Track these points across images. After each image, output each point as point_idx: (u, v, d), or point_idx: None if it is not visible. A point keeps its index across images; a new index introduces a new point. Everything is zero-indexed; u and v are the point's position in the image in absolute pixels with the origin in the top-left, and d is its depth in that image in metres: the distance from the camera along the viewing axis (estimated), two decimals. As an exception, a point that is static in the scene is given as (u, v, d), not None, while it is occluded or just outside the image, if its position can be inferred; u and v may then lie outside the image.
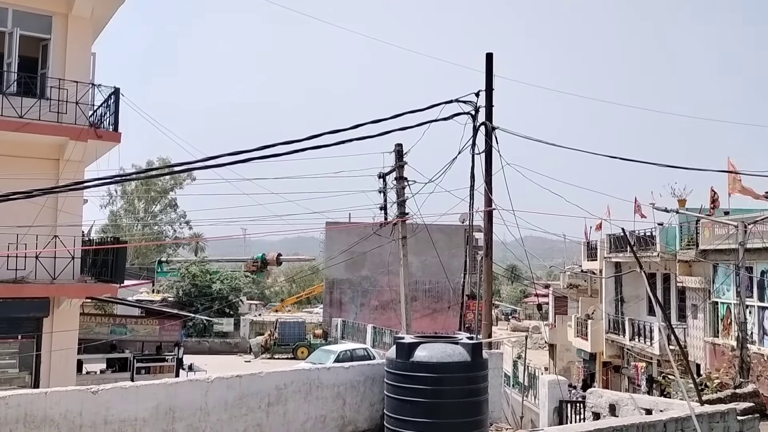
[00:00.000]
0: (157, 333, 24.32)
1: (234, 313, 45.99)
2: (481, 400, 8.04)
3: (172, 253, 63.62)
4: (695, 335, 24.38)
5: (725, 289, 22.33)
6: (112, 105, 14.75)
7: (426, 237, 21.03)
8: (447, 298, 39.36)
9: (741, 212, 22.31)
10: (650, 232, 27.23)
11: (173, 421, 7.17)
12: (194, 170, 9.38)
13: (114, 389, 6.98)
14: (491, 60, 13.54)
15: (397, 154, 18.00)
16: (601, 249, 32.47)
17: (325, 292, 44.75)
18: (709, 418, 8.01)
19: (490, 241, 13.73)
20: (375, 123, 9.89)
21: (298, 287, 66.27)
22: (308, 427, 8.14)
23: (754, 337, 20.38)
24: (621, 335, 29.42)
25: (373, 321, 38.36)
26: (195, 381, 7.68)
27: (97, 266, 15.62)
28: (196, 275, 46.07)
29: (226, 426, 7.49)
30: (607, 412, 9.36)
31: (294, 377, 8.17)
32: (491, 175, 13.13)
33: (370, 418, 8.66)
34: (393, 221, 18.57)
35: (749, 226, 18.64)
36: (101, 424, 6.76)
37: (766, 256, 19.59)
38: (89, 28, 15.39)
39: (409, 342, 8.14)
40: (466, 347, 8.00)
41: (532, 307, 59.40)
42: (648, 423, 7.27)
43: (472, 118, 13.09)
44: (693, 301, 24.68)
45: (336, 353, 27.34)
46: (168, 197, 64.56)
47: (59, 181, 13.79)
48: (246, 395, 7.68)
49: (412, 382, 7.82)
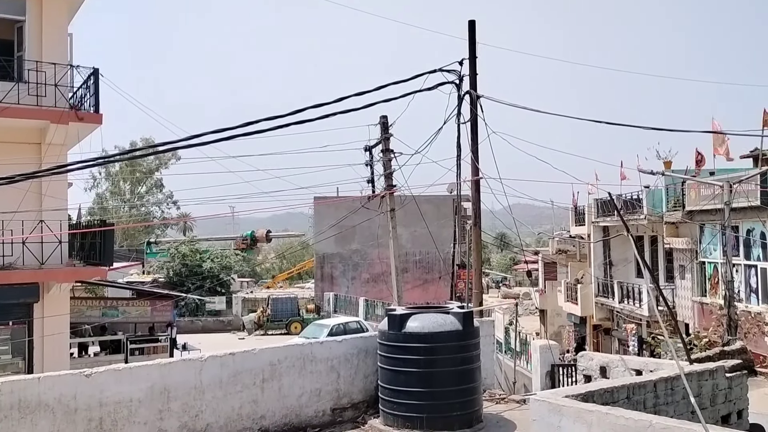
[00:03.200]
0: (149, 314, 24.33)
1: (225, 291, 46.05)
2: (474, 367, 8.12)
3: (161, 233, 63.39)
4: (683, 295, 24.70)
5: (712, 249, 22.57)
6: (92, 86, 14.55)
7: (415, 208, 21.02)
8: (438, 269, 39.52)
9: (726, 172, 22.47)
10: (637, 196, 27.39)
11: (168, 400, 7.20)
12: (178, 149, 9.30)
13: (108, 371, 6.98)
14: (474, 27, 13.42)
15: (383, 127, 17.90)
16: (588, 214, 32.67)
17: (316, 267, 44.82)
18: (698, 376, 8.13)
19: (478, 210, 13.76)
20: (359, 95, 9.81)
21: (289, 263, 66.35)
22: (303, 401, 8.20)
23: (741, 295, 20.66)
24: (610, 298, 29.76)
25: (365, 294, 38.53)
26: (188, 360, 7.69)
27: (86, 250, 15.55)
28: (186, 255, 46.00)
29: (221, 403, 7.53)
30: (598, 374, 9.48)
31: (288, 353, 8.20)
32: (477, 144, 13.10)
33: (364, 390, 8.74)
34: (381, 194, 18.54)
35: (734, 185, 18.77)
36: (96, 407, 6.77)
37: (752, 214, 19.78)
38: (64, 9, 15.08)
39: (401, 313, 8.18)
40: (457, 316, 8.05)
41: (522, 274, 59.79)
42: (638, 383, 7.37)
43: (456, 87, 13.00)
44: (680, 261, 24.95)
45: (329, 327, 27.49)
46: (154, 177, 64.10)
47: (42, 165, 13.64)
48: (240, 372, 7.71)
49: (405, 353, 7.88)
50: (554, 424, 5.97)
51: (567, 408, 5.95)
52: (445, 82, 12.81)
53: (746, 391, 8.90)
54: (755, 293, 20.30)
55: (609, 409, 5.87)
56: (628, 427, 5.47)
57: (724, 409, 8.45)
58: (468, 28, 13.43)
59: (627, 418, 5.51)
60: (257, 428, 7.78)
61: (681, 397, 7.59)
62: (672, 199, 25.13)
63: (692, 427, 5.26)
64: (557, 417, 5.97)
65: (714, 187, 20.11)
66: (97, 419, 6.76)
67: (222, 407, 7.53)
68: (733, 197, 18.79)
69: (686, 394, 7.14)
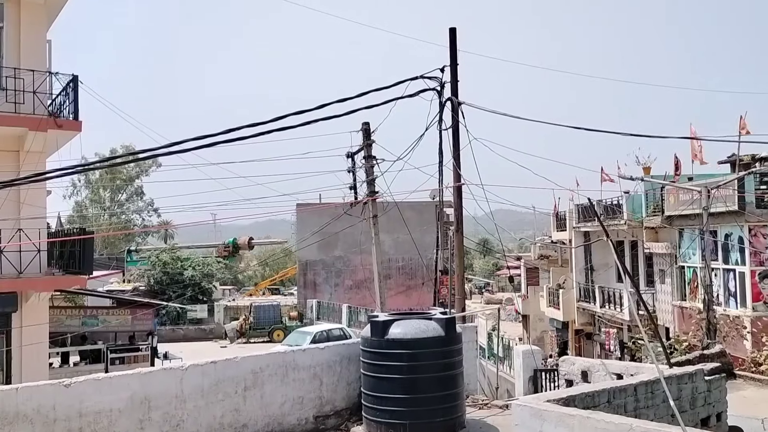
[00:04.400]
0: (130, 323, 24.09)
1: (207, 299, 45.76)
2: (457, 373, 8.14)
3: (142, 241, 62.89)
4: (664, 299, 24.94)
5: (691, 254, 22.83)
6: (71, 93, 14.42)
7: (397, 215, 21.04)
8: (421, 275, 39.55)
9: (704, 177, 22.77)
10: (617, 201, 27.66)
11: (149, 410, 7.13)
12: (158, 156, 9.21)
13: (87, 381, 6.91)
14: (455, 35, 13.50)
15: (365, 133, 17.91)
16: (569, 219, 32.92)
17: (299, 274, 44.66)
18: (677, 379, 8.21)
19: (460, 216, 13.81)
20: (341, 102, 9.81)
21: (272, 270, 66.06)
22: (286, 409, 8.17)
23: (720, 299, 20.91)
24: (592, 303, 29.97)
25: (348, 301, 38.44)
26: (169, 369, 7.63)
27: (65, 258, 15.38)
28: (167, 263, 45.63)
29: (203, 412, 7.48)
30: (579, 378, 9.55)
31: (270, 360, 8.17)
32: (459, 151, 13.16)
33: (347, 397, 8.72)
34: (363, 200, 18.54)
35: (712, 190, 19.03)
36: (75, 417, 6.70)
37: (730, 219, 20.06)
38: (43, 15, 14.97)
39: (384, 320, 8.18)
40: (440, 322, 8.07)
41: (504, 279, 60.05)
42: (619, 387, 7.43)
43: (437, 94, 13.06)
44: (660, 266, 25.21)
45: (312, 334, 27.40)
46: (134, 185, 63.61)
47: (20, 173, 13.47)
48: (222, 381, 7.67)
49: (388, 359, 7.88)
50: (536, 428, 6.01)
51: (549, 413, 5.99)
52: (427, 89, 12.86)
53: (725, 394, 8.99)
54: (734, 297, 20.56)
55: (590, 413, 5.91)
56: (608, 430, 5.52)
57: (703, 412, 8.53)
58: (449, 35, 13.50)
59: (608, 422, 5.56)
60: (239, 437, 7.73)
61: (661, 401, 7.65)
62: (651, 205, 25.40)
63: (672, 430, 5.32)
64: (539, 422, 6.00)
65: (692, 192, 20.36)
66: (76, 430, 6.69)
67: (203, 416, 7.48)
68: (711, 202, 19.04)
69: (666, 398, 7.21)
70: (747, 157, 21.86)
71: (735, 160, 21.88)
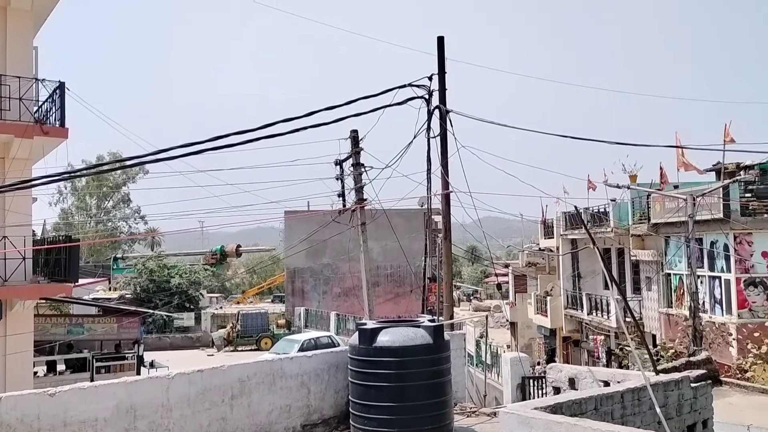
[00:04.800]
0: (116, 331, 23.94)
1: (194, 307, 45.47)
2: (445, 381, 8.13)
3: (128, 249, 62.43)
4: (650, 306, 25.09)
5: (677, 261, 22.99)
6: (57, 100, 14.34)
7: (386, 222, 21.06)
8: (409, 282, 39.55)
9: (690, 185, 22.97)
10: (604, 209, 27.83)
11: (135, 419, 7.07)
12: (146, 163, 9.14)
13: (72, 390, 6.84)
14: (443, 44, 13.56)
15: (353, 141, 17.94)
16: (557, 227, 33.07)
17: (287, 281, 44.53)
18: (664, 386, 8.25)
19: (448, 224, 13.84)
20: (329, 110, 9.84)
21: (259, 278, 65.80)
22: (273, 418, 8.12)
23: (706, 306, 21.07)
24: (579, 310, 30.08)
25: (337, 308, 38.36)
26: (155, 378, 7.57)
27: (50, 266, 15.26)
28: (154, 270, 45.34)
29: (189, 421, 7.42)
30: (567, 386, 9.57)
31: (257, 369, 8.13)
32: (447, 158, 13.20)
33: (335, 405, 8.69)
34: (351, 208, 18.54)
35: (698, 198, 19.19)
36: (60, 427, 6.63)
37: (715, 227, 20.23)
38: (30, 21, 14.89)
39: (372, 327, 8.17)
40: (428, 330, 8.07)
41: (492, 286, 60.19)
42: (606, 395, 7.46)
43: (426, 102, 13.11)
44: (647, 273, 25.36)
45: (300, 342, 27.29)
46: (121, 192, 63.24)
47: (5, 179, 13.37)
48: (208, 389, 7.61)
49: (376, 367, 7.87)
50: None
51: (536, 420, 6.00)
52: (415, 97, 12.92)
53: (711, 401, 9.05)
54: (719, 304, 20.71)
55: (577, 420, 5.92)
56: (596, 438, 5.53)
57: (689, 419, 8.57)
58: (437, 44, 13.57)
59: (595, 429, 5.57)
60: (226, 446, 7.68)
61: (648, 408, 7.69)
62: (638, 212, 25.58)
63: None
64: (527, 429, 6.01)
65: (678, 200, 20.53)
66: (61, 439, 6.61)
67: (190, 425, 7.42)
68: (697, 210, 19.21)
69: (653, 405, 7.25)
70: (732, 165, 22.08)
71: (720, 169, 22.09)
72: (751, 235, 20.11)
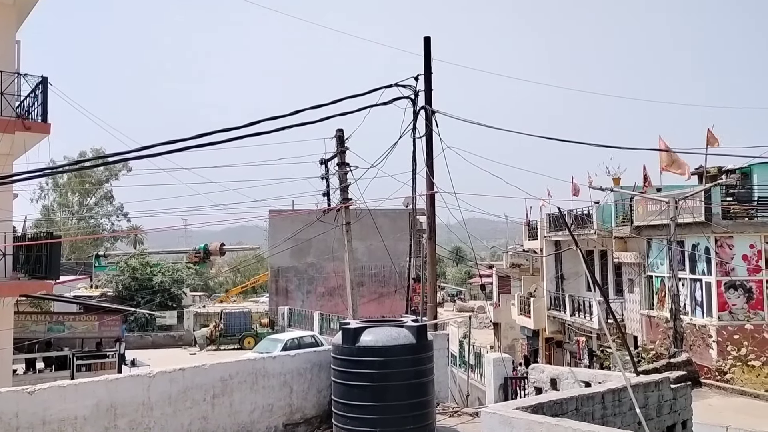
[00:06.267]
0: (97, 329, 23.73)
1: (177, 305, 45.20)
2: (427, 381, 8.15)
3: (110, 246, 61.94)
4: (632, 308, 25.29)
5: (659, 263, 23.20)
6: (40, 95, 14.20)
7: (370, 222, 21.01)
8: (393, 282, 39.56)
9: (672, 188, 23.17)
10: (587, 211, 28.01)
11: (115, 417, 7.02)
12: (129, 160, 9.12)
13: (51, 388, 6.77)
14: (429, 44, 13.59)
15: (339, 140, 17.89)
16: (541, 228, 33.24)
17: (271, 280, 44.37)
18: (644, 387, 8.32)
19: (433, 224, 13.87)
20: (315, 109, 9.82)
21: (243, 277, 65.55)
22: (255, 417, 8.10)
23: (687, 309, 21.27)
24: (562, 311, 30.25)
25: (321, 308, 38.29)
26: (136, 376, 7.52)
27: (31, 262, 15.10)
28: (136, 268, 45.03)
29: (170, 420, 7.38)
30: (548, 386, 9.62)
31: (239, 368, 8.10)
32: (432, 159, 13.24)
33: (317, 405, 8.68)
34: (336, 207, 18.51)
35: (680, 201, 19.37)
36: (39, 425, 6.56)
37: (697, 230, 20.43)
38: (12, 16, 14.74)
39: (355, 327, 8.17)
40: (411, 330, 8.08)
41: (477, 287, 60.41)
42: (587, 395, 7.51)
43: (411, 102, 13.13)
44: (629, 275, 25.56)
45: (283, 342, 27.21)
46: (103, 189, 62.71)
47: (-15, 175, 13.20)
48: (190, 388, 7.57)
49: (359, 367, 7.86)
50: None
51: (517, 420, 6.03)
52: (401, 97, 12.93)
53: (690, 402, 9.14)
54: (700, 306, 20.92)
55: (558, 420, 5.96)
56: (576, 438, 5.57)
57: (669, 420, 8.66)
58: (423, 44, 13.59)
59: (575, 429, 5.61)
60: (207, 445, 7.65)
61: (628, 408, 7.75)
62: (621, 215, 25.77)
63: (638, 437, 5.39)
64: (508, 429, 6.03)
65: (661, 203, 20.71)
66: (39, 438, 6.54)
67: (171, 424, 7.38)
68: (679, 213, 19.38)
69: (633, 405, 7.31)
70: (714, 169, 22.31)
71: (702, 172, 22.32)
72: (732, 238, 20.34)
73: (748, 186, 21.79)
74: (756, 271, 20.27)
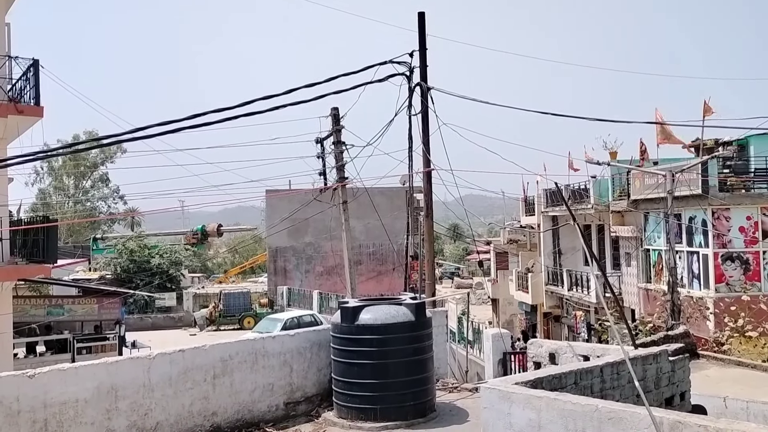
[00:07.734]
0: (96, 312, 23.77)
1: (176, 287, 45.28)
2: (426, 357, 8.19)
3: (107, 229, 61.83)
4: (629, 282, 25.38)
5: (656, 237, 23.24)
6: (32, 78, 14.05)
7: (367, 200, 21.04)
8: (391, 260, 39.62)
9: (669, 162, 23.13)
10: (584, 185, 27.99)
11: (116, 399, 7.05)
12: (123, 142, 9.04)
13: (52, 372, 6.79)
14: (423, 19, 13.46)
15: (334, 119, 17.81)
16: (538, 204, 33.23)
17: (269, 260, 44.40)
18: (642, 360, 8.36)
19: (430, 202, 13.85)
20: (309, 87, 9.75)
21: (241, 257, 65.60)
22: (256, 396, 8.14)
23: (684, 281, 21.35)
24: (560, 286, 30.37)
25: (319, 287, 38.38)
26: (136, 358, 7.54)
27: (28, 247, 15.07)
28: (134, 251, 45.03)
29: (171, 401, 7.41)
30: (547, 361, 9.66)
31: (239, 348, 8.13)
32: (428, 136, 13.17)
33: (317, 383, 8.72)
34: (333, 186, 18.47)
35: (677, 174, 19.33)
36: (40, 408, 6.59)
37: (693, 203, 20.44)
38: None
39: (354, 306, 8.18)
40: (410, 307, 8.10)
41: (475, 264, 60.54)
42: (585, 369, 7.54)
43: (407, 79, 13.03)
44: (626, 249, 25.62)
45: (282, 321, 27.28)
46: (99, 172, 62.45)
47: (-21, 160, 13.11)
48: (190, 369, 7.60)
49: (358, 345, 7.90)
50: (504, 410, 6.07)
51: (516, 395, 6.06)
52: (396, 74, 12.84)
53: (688, 374, 9.19)
54: (697, 279, 21.01)
55: (557, 394, 5.99)
56: (575, 411, 5.60)
57: (667, 392, 8.71)
58: (417, 19, 13.46)
59: (574, 403, 5.64)
60: (209, 425, 7.69)
61: (626, 381, 7.79)
62: (618, 189, 25.75)
63: (637, 410, 5.42)
64: (507, 404, 6.06)
65: (657, 176, 20.68)
66: (41, 421, 6.57)
67: (172, 405, 7.41)
68: (676, 186, 19.36)
69: (631, 378, 7.33)
70: (710, 141, 22.26)
71: (699, 145, 22.27)
72: (728, 210, 20.35)
73: (745, 158, 21.75)
74: (753, 242, 20.32)
